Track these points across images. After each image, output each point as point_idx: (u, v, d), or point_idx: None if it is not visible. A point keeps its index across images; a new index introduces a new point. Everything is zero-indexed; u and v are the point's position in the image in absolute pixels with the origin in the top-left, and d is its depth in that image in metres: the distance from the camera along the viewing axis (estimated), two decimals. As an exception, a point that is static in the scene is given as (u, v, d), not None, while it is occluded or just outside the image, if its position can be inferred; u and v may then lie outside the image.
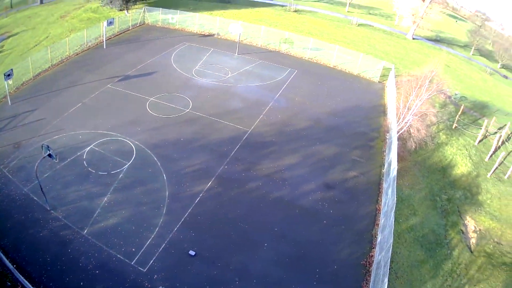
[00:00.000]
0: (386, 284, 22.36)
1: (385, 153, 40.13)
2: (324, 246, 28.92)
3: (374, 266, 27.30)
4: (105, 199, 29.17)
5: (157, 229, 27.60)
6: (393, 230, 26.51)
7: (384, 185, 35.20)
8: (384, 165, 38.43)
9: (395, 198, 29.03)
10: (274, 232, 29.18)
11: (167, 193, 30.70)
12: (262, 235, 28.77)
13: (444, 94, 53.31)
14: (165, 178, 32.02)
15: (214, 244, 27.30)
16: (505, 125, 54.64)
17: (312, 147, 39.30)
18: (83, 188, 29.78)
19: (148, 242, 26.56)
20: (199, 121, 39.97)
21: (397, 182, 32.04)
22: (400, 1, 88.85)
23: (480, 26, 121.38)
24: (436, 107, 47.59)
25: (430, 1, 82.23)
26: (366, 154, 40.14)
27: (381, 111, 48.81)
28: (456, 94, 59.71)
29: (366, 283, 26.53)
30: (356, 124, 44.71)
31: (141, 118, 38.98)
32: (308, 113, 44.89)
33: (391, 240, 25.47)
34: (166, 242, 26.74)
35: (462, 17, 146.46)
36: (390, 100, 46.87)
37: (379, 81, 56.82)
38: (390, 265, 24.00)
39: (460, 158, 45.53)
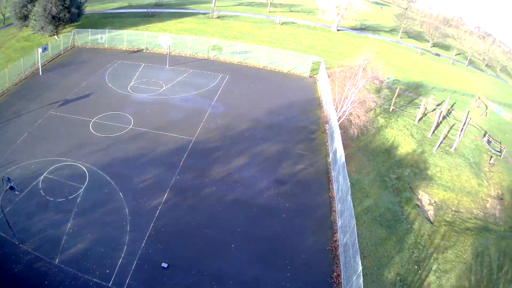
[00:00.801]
0: (359, 261, 23.63)
1: (328, 144, 41.86)
2: (289, 238, 29.99)
3: (340, 249, 28.63)
4: (69, 225, 28.85)
5: (125, 247, 27.56)
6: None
7: (333, 173, 36.86)
8: (329, 155, 40.15)
9: (348, 183, 30.73)
10: (238, 232, 29.84)
11: (127, 210, 30.70)
12: (227, 237, 29.32)
13: (378, 80, 56.21)
14: (122, 196, 32.02)
15: (183, 253, 27.59)
16: (444, 101, 58.43)
17: (257, 147, 40.38)
18: (46, 217, 29.33)
19: (120, 261, 26.48)
20: (143, 136, 40.19)
21: (345, 168, 33.84)
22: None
23: (406, 8, 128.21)
24: (371, 93, 50.08)
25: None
26: (310, 146, 41.76)
27: (317, 104, 51.01)
28: (388, 78, 63.22)
29: (337, 266, 27.76)
30: (295, 120, 46.42)
31: (87, 140, 38.79)
32: (247, 115, 46.07)
33: (354, 221, 27.00)
34: (137, 258, 26.77)
35: (387, 2, 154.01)
36: (325, 92, 48.98)
37: (310, 76, 59.25)
38: (356, 246, 25.39)
39: (402, 138, 48.34)
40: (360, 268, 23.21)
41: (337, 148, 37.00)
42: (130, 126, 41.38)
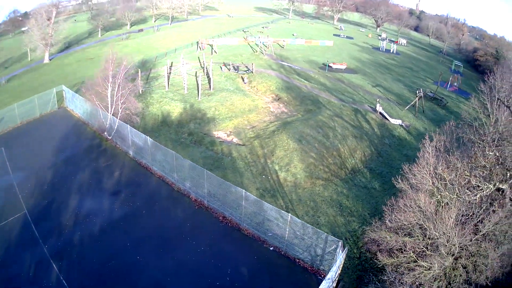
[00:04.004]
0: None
1: (118, 145, 40.58)
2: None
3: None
4: None
5: None
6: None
7: (146, 162, 36.96)
8: (129, 153, 39.31)
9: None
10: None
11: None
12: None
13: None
14: None
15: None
16: (165, 65, 61.38)
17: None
18: None
19: None
20: None
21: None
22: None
23: (92, 9, 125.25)
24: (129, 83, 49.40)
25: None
26: (108, 155, 39.71)
27: (83, 125, 46.98)
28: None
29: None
30: (80, 148, 41.13)
31: None
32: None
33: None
34: None
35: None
36: (85, 108, 45.93)
37: (60, 107, 53.46)
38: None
39: (168, 106, 50.02)
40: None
41: (135, 140, 37.27)
42: None
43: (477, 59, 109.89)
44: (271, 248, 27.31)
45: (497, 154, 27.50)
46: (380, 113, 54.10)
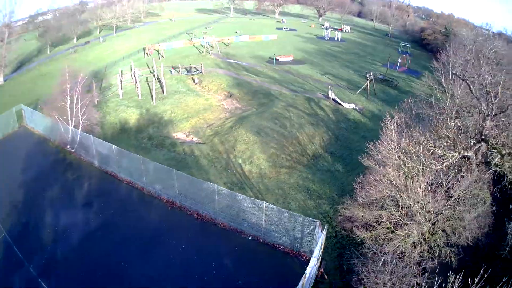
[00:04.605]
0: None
1: (83, 156, 39.99)
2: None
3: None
4: None
5: None
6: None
7: (113, 170, 37.04)
8: (95, 163, 39.04)
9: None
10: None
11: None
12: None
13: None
14: None
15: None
16: (117, 73, 61.17)
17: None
18: None
19: None
20: None
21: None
22: None
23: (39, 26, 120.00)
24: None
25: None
26: (74, 170, 39.14)
27: (44, 141, 44.88)
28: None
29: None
30: (45, 162, 40.51)
31: None
32: None
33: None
34: None
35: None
36: (45, 124, 45.06)
37: (20, 126, 51.18)
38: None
39: (125, 113, 50.06)
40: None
41: (96, 149, 37.49)
42: None
43: (425, 38, 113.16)
44: (250, 238, 28.42)
45: (459, 124, 29.66)
46: (333, 99, 56.31)
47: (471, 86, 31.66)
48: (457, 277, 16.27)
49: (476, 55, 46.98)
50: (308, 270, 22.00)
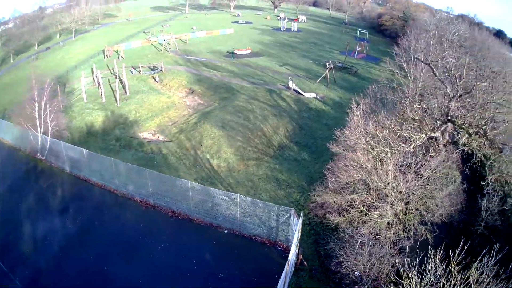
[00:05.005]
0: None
1: (53, 163, 40.16)
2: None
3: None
4: None
5: None
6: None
7: (84, 175, 37.43)
8: (66, 164, 39.19)
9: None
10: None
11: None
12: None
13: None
14: None
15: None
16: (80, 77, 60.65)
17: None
18: None
19: None
20: None
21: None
22: None
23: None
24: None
25: None
26: (47, 178, 38.71)
27: (14, 150, 44.60)
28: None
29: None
30: (17, 172, 40.12)
31: None
32: None
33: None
34: None
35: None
36: (15, 132, 44.62)
37: None
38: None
39: (90, 117, 50.26)
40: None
41: (67, 154, 37.80)
42: None
43: (383, 24, 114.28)
44: (226, 231, 29.50)
45: (424, 106, 31.03)
46: (294, 89, 57.99)
47: (434, 70, 32.87)
48: (437, 251, 16.54)
49: (439, 39, 48.57)
50: (290, 256, 22.98)
